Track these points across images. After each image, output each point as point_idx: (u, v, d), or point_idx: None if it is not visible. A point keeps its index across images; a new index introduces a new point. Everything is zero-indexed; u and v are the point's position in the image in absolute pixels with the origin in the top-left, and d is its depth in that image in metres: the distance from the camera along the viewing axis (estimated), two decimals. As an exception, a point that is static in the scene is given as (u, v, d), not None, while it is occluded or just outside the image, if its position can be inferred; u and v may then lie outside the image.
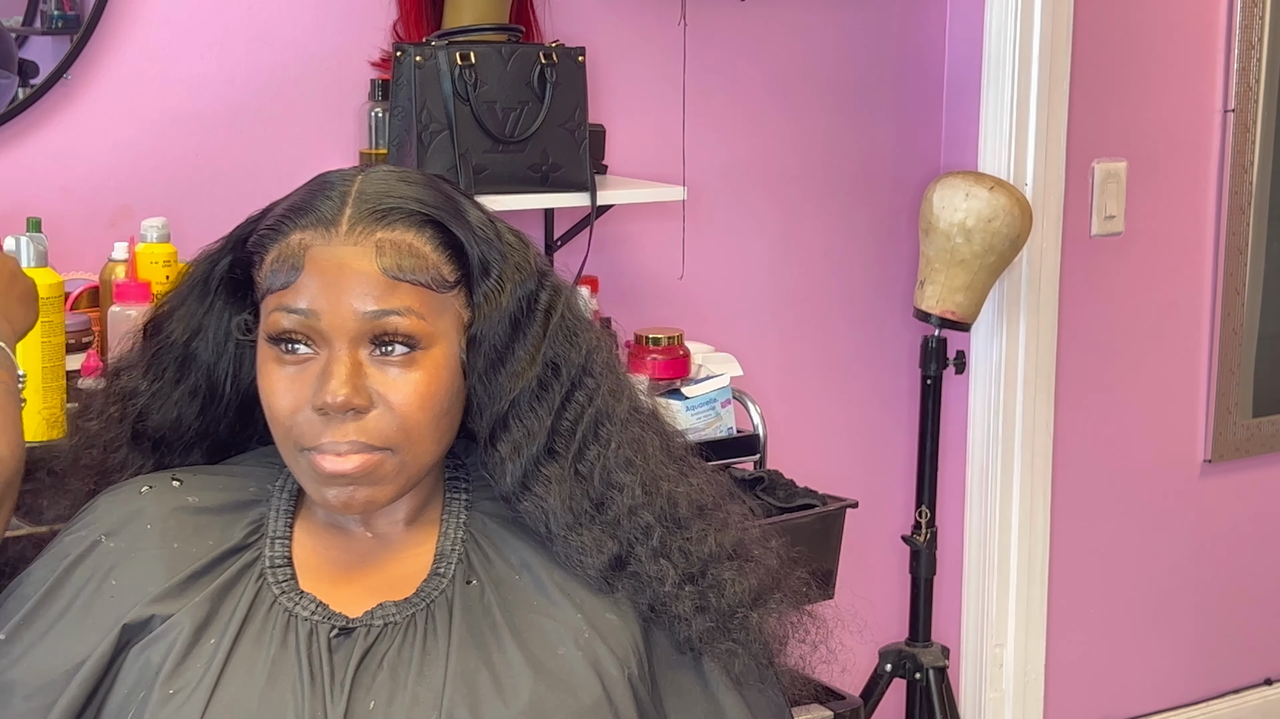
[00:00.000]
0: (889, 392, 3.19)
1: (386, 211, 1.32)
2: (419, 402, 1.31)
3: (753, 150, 2.96)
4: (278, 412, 1.32)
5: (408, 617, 1.33)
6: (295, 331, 1.31)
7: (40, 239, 2.15)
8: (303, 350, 1.31)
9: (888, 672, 2.98)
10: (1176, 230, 3.43)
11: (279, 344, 1.32)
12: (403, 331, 1.31)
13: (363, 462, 1.30)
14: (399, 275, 1.31)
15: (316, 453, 1.31)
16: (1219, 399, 3.52)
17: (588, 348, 1.39)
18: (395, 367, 1.31)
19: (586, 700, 1.30)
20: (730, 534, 1.42)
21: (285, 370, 1.32)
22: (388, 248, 1.31)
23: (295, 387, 1.31)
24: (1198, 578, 3.60)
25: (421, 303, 1.32)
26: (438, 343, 1.33)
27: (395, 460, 1.32)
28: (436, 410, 1.33)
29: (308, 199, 1.35)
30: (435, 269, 1.33)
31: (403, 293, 1.31)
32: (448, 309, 1.34)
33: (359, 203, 1.33)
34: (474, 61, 2.38)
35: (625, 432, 1.39)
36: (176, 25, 2.43)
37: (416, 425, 1.32)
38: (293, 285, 1.31)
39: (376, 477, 1.32)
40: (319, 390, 1.29)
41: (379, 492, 1.33)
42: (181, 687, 1.28)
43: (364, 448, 1.30)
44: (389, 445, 1.31)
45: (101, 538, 1.36)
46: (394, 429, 1.31)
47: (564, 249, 2.68)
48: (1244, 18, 3.40)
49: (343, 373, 1.29)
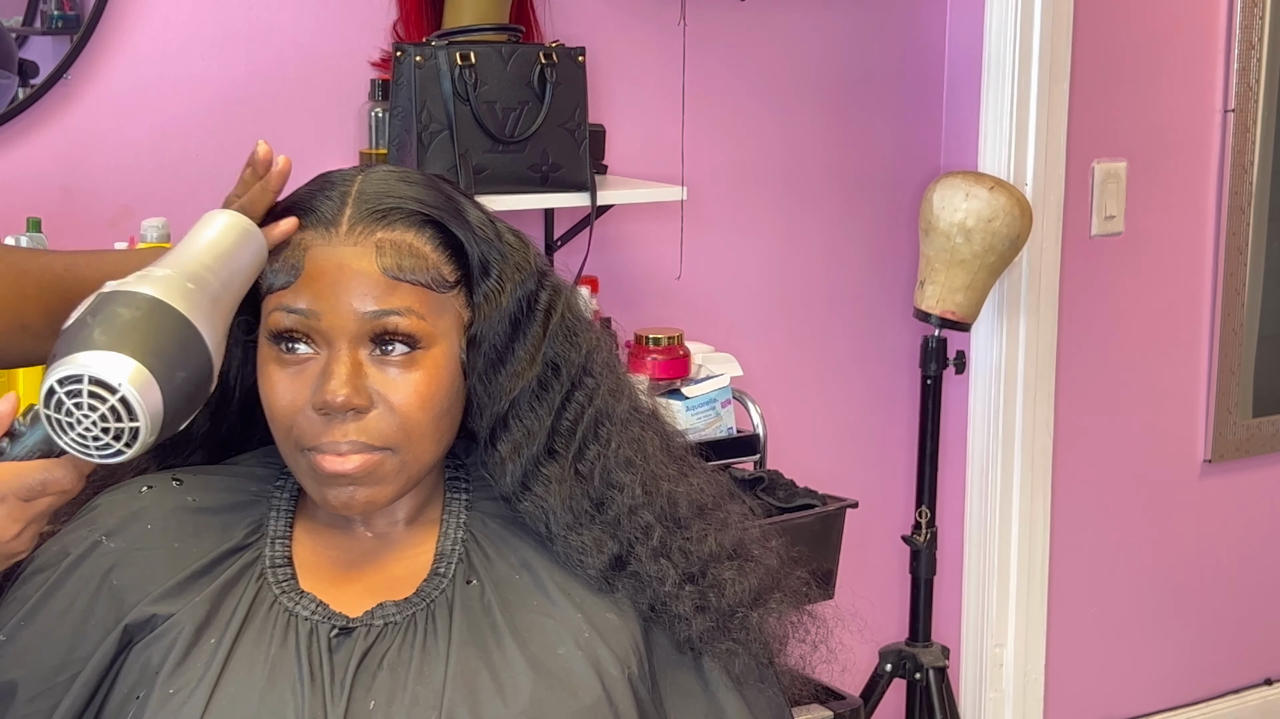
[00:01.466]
0: (889, 392, 3.19)
1: (387, 211, 1.33)
2: (419, 402, 1.31)
3: (752, 150, 2.96)
4: (278, 411, 1.32)
5: (408, 617, 1.33)
6: (295, 331, 1.31)
7: (40, 239, 2.16)
8: (303, 350, 1.31)
9: (888, 672, 2.98)
10: (1176, 230, 3.43)
11: (279, 343, 1.32)
12: (403, 331, 1.31)
13: (363, 462, 1.30)
14: (399, 275, 1.31)
15: (316, 453, 1.31)
16: (1219, 399, 3.52)
17: (588, 347, 1.39)
18: (395, 367, 1.31)
19: (587, 700, 1.30)
20: (730, 534, 1.42)
21: (285, 370, 1.32)
22: (388, 248, 1.31)
23: (295, 386, 1.31)
24: (1198, 578, 3.60)
25: (421, 303, 1.32)
26: (438, 343, 1.33)
27: (395, 460, 1.32)
28: (437, 410, 1.33)
29: (308, 199, 1.35)
30: (435, 269, 1.33)
31: (403, 293, 1.31)
32: (448, 309, 1.34)
33: (359, 203, 1.33)
34: (474, 61, 2.38)
35: (625, 431, 1.39)
36: (176, 25, 2.43)
37: (417, 425, 1.32)
38: (293, 285, 1.31)
39: (377, 477, 1.32)
40: (319, 390, 1.29)
41: (379, 492, 1.33)
42: (182, 687, 1.28)
43: (364, 448, 1.30)
44: (389, 445, 1.31)
45: (102, 538, 1.36)
46: (394, 429, 1.31)
47: (564, 249, 2.68)
48: (1244, 18, 3.40)
49: (343, 372, 1.29)
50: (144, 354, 1.13)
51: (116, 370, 1.11)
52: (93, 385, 1.11)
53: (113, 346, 1.12)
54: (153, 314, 1.15)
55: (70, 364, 1.12)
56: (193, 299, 1.18)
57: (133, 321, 1.14)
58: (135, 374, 1.12)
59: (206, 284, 1.21)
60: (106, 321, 1.14)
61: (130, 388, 1.11)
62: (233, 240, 1.27)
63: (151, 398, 1.13)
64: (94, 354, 1.12)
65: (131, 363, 1.12)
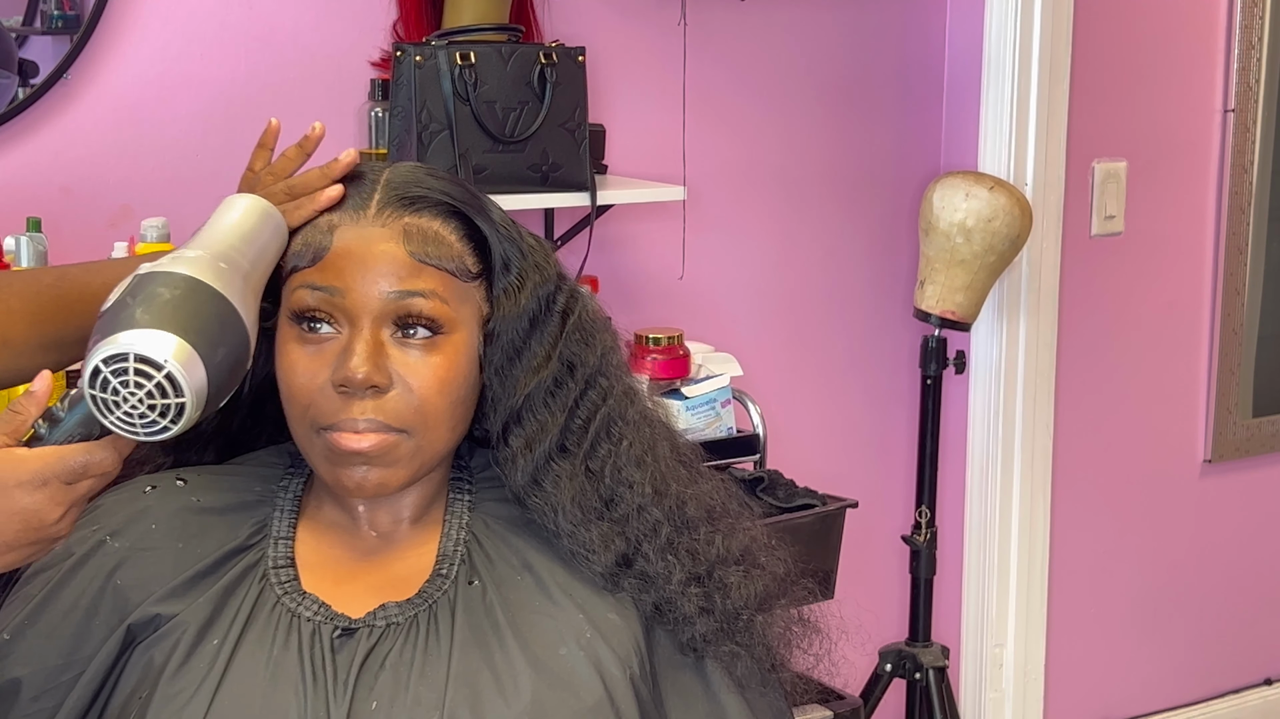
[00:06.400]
0: (889, 392, 3.19)
1: (415, 199, 1.34)
2: (438, 385, 1.32)
3: (753, 150, 2.96)
4: (296, 389, 1.32)
5: (410, 617, 1.33)
6: (319, 310, 1.32)
7: (40, 239, 2.16)
8: (325, 330, 1.32)
9: (888, 672, 2.98)
10: (1176, 230, 3.44)
11: (301, 322, 1.32)
12: (426, 314, 1.32)
13: (379, 441, 1.31)
14: (425, 259, 1.32)
15: (333, 430, 1.31)
16: (1219, 399, 3.52)
17: (603, 349, 1.41)
18: (416, 349, 1.32)
19: (588, 700, 1.30)
20: (738, 539, 1.42)
21: (305, 348, 1.32)
22: (415, 232, 1.33)
23: (315, 365, 1.32)
24: (1198, 578, 3.60)
25: (445, 288, 1.33)
26: (459, 329, 1.34)
27: (410, 444, 1.32)
28: (454, 396, 1.33)
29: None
30: (460, 258, 1.34)
31: (428, 276, 1.32)
32: (469, 299, 1.35)
33: (387, 189, 1.35)
34: (474, 61, 2.38)
35: (637, 432, 1.40)
36: (176, 25, 2.43)
37: (434, 409, 1.32)
38: (319, 263, 1.32)
39: (391, 458, 1.32)
40: (340, 366, 1.30)
41: (392, 474, 1.33)
42: (184, 687, 1.29)
43: (381, 427, 1.31)
44: (405, 428, 1.32)
45: (106, 538, 1.36)
46: (411, 411, 1.31)
47: (564, 249, 2.68)
48: (1244, 18, 3.40)
49: (365, 350, 1.30)
50: (186, 331, 1.15)
51: (161, 347, 1.14)
52: (138, 363, 1.13)
53: (155, 324, 1.15)
54: (192, 292, 1.18)
55: (114, 344, 1.14)
56: (226, 278, 1.21)
57: (173, 300, 1.16)
58: (179, 350, 1.14)
59: (237, 264, 1.23)
60: (147, 301, 1.16)
61: (175, 363, 1.14)
62: (255, 221, 1.30)
63: (195, 373, 1.15)
64: (138, 333, 1.14)
65: (175, 339, 1.14)
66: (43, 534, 1.18)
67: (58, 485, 1.17)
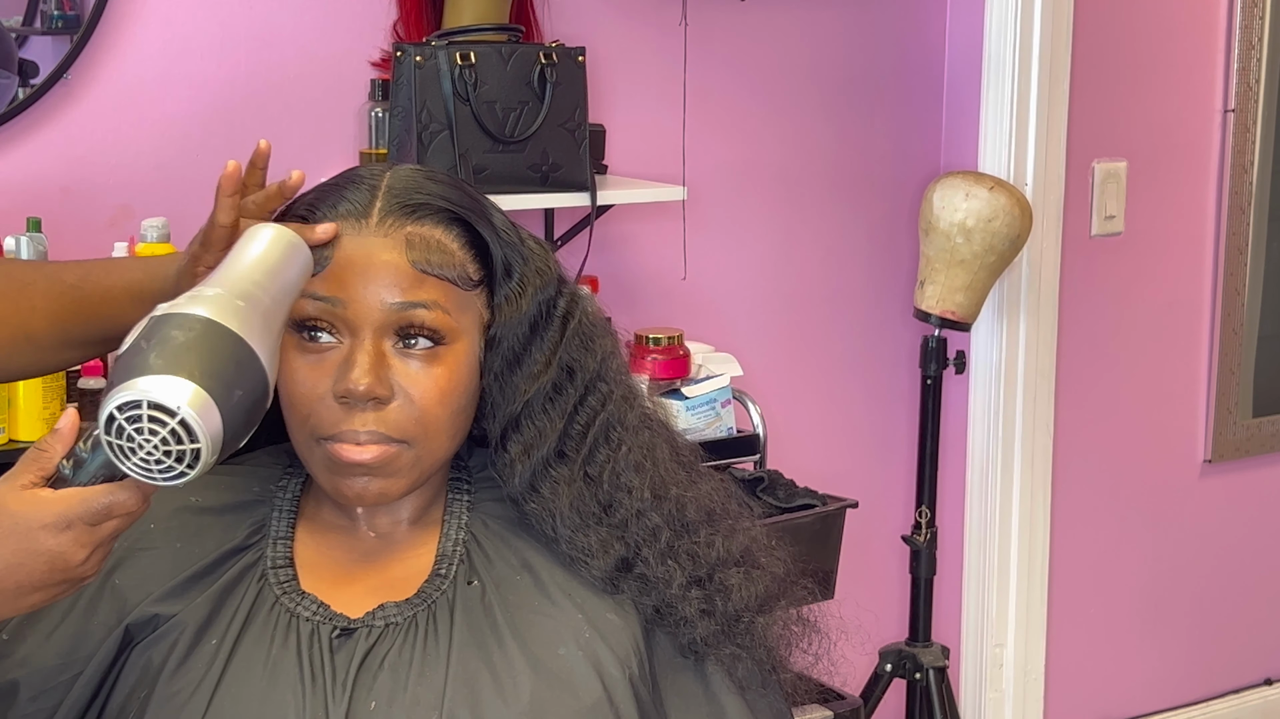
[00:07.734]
0: (889, 392, 3.19)
1: (417, 206, 1.33)
2: (439, 396, 1.32)
3: (753, 150, 2.96)
4: (296, 399, 1.32)
5: (409, 617, 1.33)
6: (320, 319, 1.31)
7: (40, 239, 2.16)
8: (325, 339, 1.32)
9: (888, 672, 2.98)
10: (1176, 230, 3.44)
11: (302, 331, 1.32)
12: (428, 325, 1.31)
13: (380, 452, 1.31)
14: (427, 269, 1.31)
15: (334, 442, 1.31)
16: (1219, 399, 3.52)
17: (603, 354, 1.40)
18: (418, 360, 1.32)
19: (587, 700, 1.30)
20: (738, 541, 1.42)
21: (306, 358, 1.32)
22: (417, 241, 1.32)
23: (315, 375, 1.31)
24: (1197, 578, 3.60)
25: (447, 298, 1.32)
26: (460, 339, 1.33)
27: (411, 454, 1.32)
28: (454, 406, 1.33)
29: (335, 192, 1.35)
30: (462, 266, 1.34)
31: (430, 286, 1.31)
32: (470, 307, 1.35)
33: (389, 196, 1.34)
34: (474, 61, 2.38)
35: (636, 437, 1.40)
36: (176, 25, 2.43)
37: (435, 420, 1.32)
38: (321, 273, 1.31)
39: (391, 469, 1.32)
40: (341, 378, 1.30)
41: (392, 484, 1.33)
42: (183, 687, 1.29)
43: (382, 439, 1.30)
44: (406, 438, 1.31)
45: (105, 538, 1.36)
46: (412, 422, 1.31)
47: (564, 249, 2.68)
48: (1244, 18, 3.40)
49: (366, 361, 1.29)
50: (200, 376, 1.14)
51: (175, 394, 1.12)
52: (152, 410, 1.12)
53: (169, 370, 1.13)
54: (206, 335, 1.16)
55: (129, 390, 1.13)
56: (244, 316, 1.18)
57: (187, 343, 1.15)
58: (194, 397, 1.13)
59: (257, 300, 1.21)
60: (161, 345, 1.15)
61: (189, 410, 1.12)
62: (279, 254, 1.28)
63: (210, 419, 1.13)
64: (151, 379, 1.12)
65: (189, 385, 1.13)
66: (69, 575, 1.18)
67: (82, 528, 1.17)
